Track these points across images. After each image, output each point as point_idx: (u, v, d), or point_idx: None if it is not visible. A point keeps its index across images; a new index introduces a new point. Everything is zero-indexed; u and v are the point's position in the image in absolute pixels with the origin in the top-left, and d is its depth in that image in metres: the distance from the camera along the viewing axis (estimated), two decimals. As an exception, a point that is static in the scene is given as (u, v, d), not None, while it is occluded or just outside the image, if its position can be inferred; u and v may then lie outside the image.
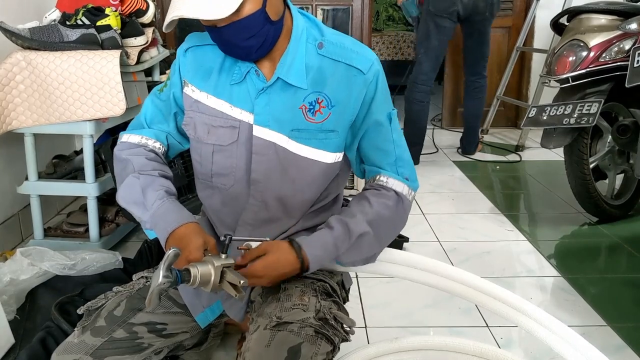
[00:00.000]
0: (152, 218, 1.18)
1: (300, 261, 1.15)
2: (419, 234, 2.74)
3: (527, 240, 2.71)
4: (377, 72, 1.21)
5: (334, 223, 1.19)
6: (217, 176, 1.25)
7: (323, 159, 1.21)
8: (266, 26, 1.12)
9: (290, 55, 1.18)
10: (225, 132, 1.22)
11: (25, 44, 2.17)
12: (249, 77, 1.20)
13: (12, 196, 2.47)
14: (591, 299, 2.15)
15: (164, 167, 1.29)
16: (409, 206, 1.27)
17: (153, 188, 1.20)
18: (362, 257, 1.23)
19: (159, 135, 1.32)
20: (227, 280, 1.06)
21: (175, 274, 1.00)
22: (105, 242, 2.38)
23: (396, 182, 1.24)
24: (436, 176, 3.68)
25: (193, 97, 1.25)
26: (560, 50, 2.69)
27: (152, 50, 2.64)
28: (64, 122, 2.22)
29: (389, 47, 6.68)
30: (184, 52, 1.28)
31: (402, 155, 1.27)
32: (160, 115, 1.33)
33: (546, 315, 1.16)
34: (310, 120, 1.19)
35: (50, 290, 1.90)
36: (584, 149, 2.72)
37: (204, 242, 1.11)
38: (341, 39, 1.22)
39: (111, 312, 1.19)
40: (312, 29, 1.22)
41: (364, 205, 1.22)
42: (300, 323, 1.09)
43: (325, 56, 1.20)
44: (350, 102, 1.19)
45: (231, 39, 1.12)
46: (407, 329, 1.95)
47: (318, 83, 1.19)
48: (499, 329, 1.94)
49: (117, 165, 1.29)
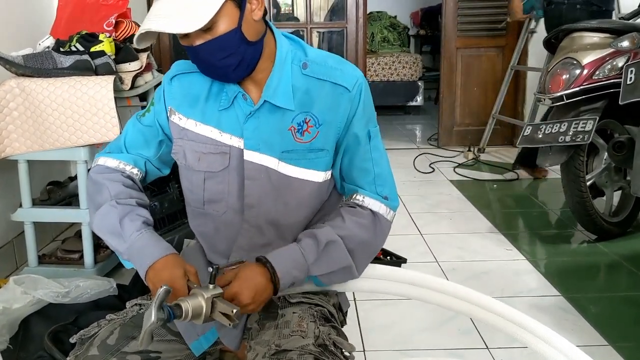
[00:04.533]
0: (130, 250, 1.16)
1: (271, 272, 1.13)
2: (417, 255, 2.72)
3: (526, 259, 2.69)
4: (360, 88, 1.21)
5: (301, 235, 1.20)
6: (209, 203, 1.24)
7: (314, 178, 1.21)
8: (242, 46, 1.13)
9: (276, 77, 1.18)
10: (216, 158, 1.21)
11: (19, 71, 2.17)
12: (236, 102, 1.20)
13: (6, 223, 2.45)
14: (592, 318, 2.13)
15: (141, 195, 1.27)
16: (387, 225, 1.26)
17: (130, 218, 1.18)
18: (335, 267, 1.20)
19: (137, 161, 1.30)
20: (219, 311, 1.05)
21: (167, 311, 0.99)
22: (100, 268, 2.36)
23: (372, 201, 1.23)
24: (433, 196, 3.67)
25: (180, 125, 1.24)
26: (554, 68, 2.70)
27: (147, 75, 2.65)
28: (58, 148, 2.21)
29: (384, 67, 6.72)
30: (169, 80, 1.27)
31: (381, 174, 1.25)
32: (142, 140, 1.31)
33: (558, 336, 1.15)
34: (299, 141, 1.19)
35: (43, 318, 1.88)
36: (580, 166, 2.71)
37: (185, 272, 1.10)
38: (324, 57, 1.23)
39: (104, 340, 1.16)
40: (296, 51, 1.23)
41: (335, 220, 1.22)
42: (299, 350, 1.07)
43: (310, 76, 1.20)
44: (337, 120, 1.20)
45: (207, 58, 1.13)
46: (406, 353, 1.92)
47: (305, 103, 1.19)
48: (499, 350, 1.91)
49: (91, 187, 1.26)
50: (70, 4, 2.55)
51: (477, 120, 4.94)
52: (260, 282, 1.12)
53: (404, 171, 4.21)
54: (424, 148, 5.05)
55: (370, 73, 6.58)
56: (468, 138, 4.89)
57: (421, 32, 8.16)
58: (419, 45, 8.50)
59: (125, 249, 1.17)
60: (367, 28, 5.63)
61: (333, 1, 5.13)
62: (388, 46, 7.28)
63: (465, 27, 4.83)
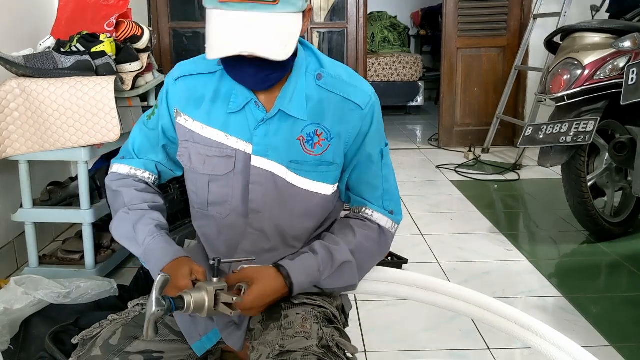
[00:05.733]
0: (145, 254, 1.20)
1: (288, 286, 1.16)
2: (417, 255, 2.72)
3: (527, 260, 2.69)
4: (373, 107, 1.22)
5: (318, 248, 1.20)
6: (214, 205, 1.24)
7: (323, 191, 1.22)
8: (288, 62, 1.11)
9: (292, 86, 1.17)
10: (221, 161, 1.21)
11: (20, 72, 2.17)
12: (248, 107, 1.19)
13: (6, 224, 2.45)
14: (593, 318, 2.12)
15: (155, 197, 1.29)
16: (391, 238, 1.30)
17: (143, 223, 1.21)
18: (342, 285, 1.24)
19: (148, 165, 1.32)
20: (222, 302, 1.06)
21: (168, 302, 1.00)
22: (100, 269, 2.36)
23: (380, 217, 1.27)
24: (434, 196, 3.67)
25: (187, 127, 1.23)
26: (555, 69, 2.70)
27: (148, 75, 2.65)
28: (59, 149, 2.21)
29: (385, 68, 6.72)
30: (174, 81, 1.26)
31: (390, 189, 1.28)
32: (148, 144, 1.32)
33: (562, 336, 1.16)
34: (309, 153, 1.19)
35: (44, 319, 1.88)
36: (581, 167, 2.71)
37: (191, 270, 1.12)
38: (339, 71, 1.22)
39: (107, 341, 1.17)
40: (310, 59, 1.22)
41: (347, 234, 1.24)
42: (303, 351, 1.07)
43: (323, 88, 1.19)
44: (346, 135, 1.20)
45: (256, 73, 1.10)
46: (407, 353, 1.92)
47: (317, 115, 1.19)
48: (500, 351, 1.91)
49: (109, 195, 1.31)
50: (70, 4, 2.55)
51: (478, 120, 4.95)
52: (276, 298, 1.16)
53: (404, 172, 4.21)
54: (425, 148, 5.05)
55: (371, 73, 6.58)
56: (469, 138, 4.90)
57: (422, 33, 8.16)
58: (419, 45, 8.49)
59: (141, 253, 1.21)
60: (368, 28, 5.63)
61: (333, 1, 5.12)
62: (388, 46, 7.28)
63: (465, 27, 4.83)
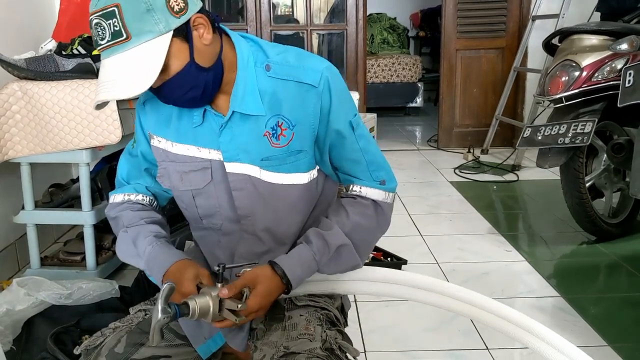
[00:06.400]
0: (147, 264, 1.20)
1: (286, 283, 1.16)
2: (417, 256, 2.73)
3: (525, 261, 2.70)
4: (327, 81, 1.16)
5: (312, 237, 1.19)
6: (206, 218, 1.25)
7: (298, 180, 1.20)
8: (201, 76, 1.09)
9: (241, 85, 1.15)
10: (197, 175, 1.21)
11: (22, 74, 2.19)
12: (207, 116, 1.18)
13: (8, 225, 2.46)
14: (591, 319, 2.14)
15: (151, 213, 1.29)
16: (389, 209, 1.26)
17: (142, 237, 1.22)
18: (344, 267, 1.23)
19: (139, 188, 1.33)
20: (226, 308, 1.07)
21: (174, 309, 1.01)
22: (102, 270, 2.37)
23: (370, 190, 1.23)
24: (433, 197, 3.68)
25: (161, 148, 1.24)
26: (553, 70, 2.71)
27: (148, 77, 2.65)
28: (60, 151, 2.22)
29: (384, 69, 6.73)
30: (142, 105, 1.26)
31: (373, 160, 1.24)
32: (135, 171, 1.33)
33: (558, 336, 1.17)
34: (275, 146, 1.17)
35: (46, 320, 1.89)
36: (579, 168, 2.72)
37: (197, 275, 1.12)
38: (285, 56, 1.18)
39: (112, 349, 1.16)
40: (257, 52, 1.18)
41: (341, 216, 1.22)
42: (307, 353, 1.08)
43: (275, 77, 1.16)
44: (308, 118, 1.16)
45: (171, 95, 1.11)
46: (406, 354, 1.93)
47: (274, 106, 1.16)
48: (499, 351, 1.92)
49: (112, 225, 1.32)
50: (71, 7, 2.57)
51: (477, 121, 4.96)
52: (276, 296, 1.17)
53: (403, 173, 4.22)
54: (424, 149, 5.07)
55: (370, 75, 6.59)
56: (468, 139, 4.91)
57: (421, 34, 8.16)
58: (418, 46, 8.50)
59: (144, 265, 1.21)
60: (367, 30, 5.64)
61: (333, 3, 5.14)
62: (388, 48, 7.30)
63: (465, 28, 4.85)
